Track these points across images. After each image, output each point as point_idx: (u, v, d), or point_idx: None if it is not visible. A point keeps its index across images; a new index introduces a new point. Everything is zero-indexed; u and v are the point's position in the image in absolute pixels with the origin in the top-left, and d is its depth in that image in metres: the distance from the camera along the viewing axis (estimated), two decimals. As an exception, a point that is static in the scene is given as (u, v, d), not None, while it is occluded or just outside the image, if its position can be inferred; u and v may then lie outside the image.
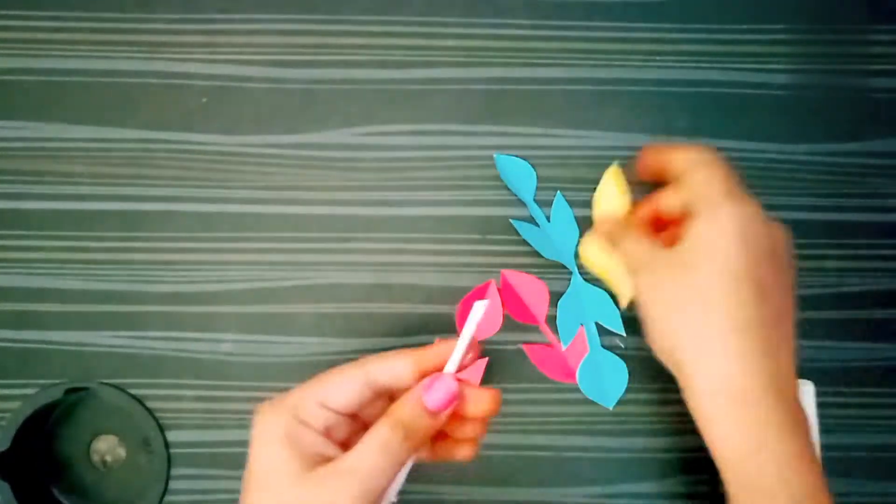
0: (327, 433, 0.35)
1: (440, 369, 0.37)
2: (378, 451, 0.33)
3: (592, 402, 0.47)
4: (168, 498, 0.47)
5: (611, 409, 0.47)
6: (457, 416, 0.37)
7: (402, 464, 0.34)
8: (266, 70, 0.49)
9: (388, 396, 0.38)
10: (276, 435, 0.34)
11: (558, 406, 0.47)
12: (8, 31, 0.49)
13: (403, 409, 0.35)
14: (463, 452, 0.38)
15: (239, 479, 0.47)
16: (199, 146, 0.49)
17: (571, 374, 0.46)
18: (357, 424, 0.38)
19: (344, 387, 0.36)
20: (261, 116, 0.49)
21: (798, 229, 0.49)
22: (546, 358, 0.47)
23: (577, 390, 0.46)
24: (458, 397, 0.36)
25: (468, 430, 0.38)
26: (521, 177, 0.48)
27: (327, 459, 0.34)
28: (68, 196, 0.48)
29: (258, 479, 0.34)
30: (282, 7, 0.49)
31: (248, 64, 0.49)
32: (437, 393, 0.35)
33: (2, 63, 0.49)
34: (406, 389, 0.36)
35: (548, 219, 0.48)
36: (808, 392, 0.45)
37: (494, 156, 0.48)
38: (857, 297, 0.48)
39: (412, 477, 0.40)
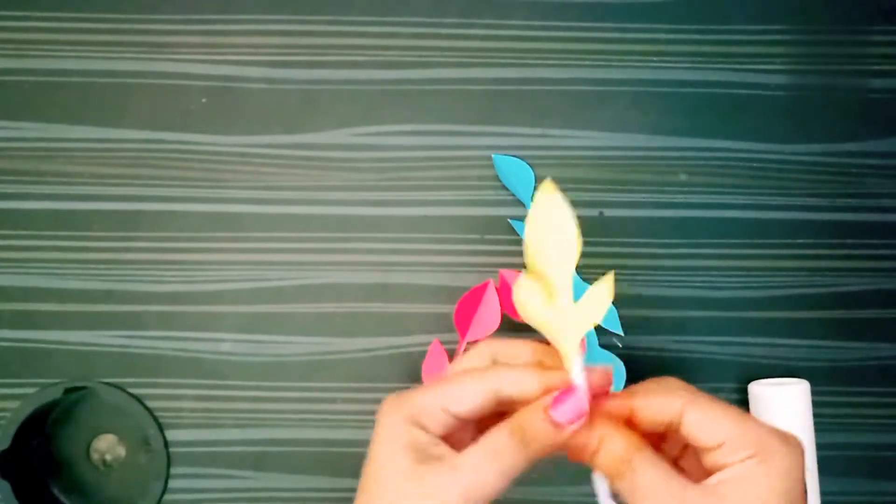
0: (447, 437, 0.34)
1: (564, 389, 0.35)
2: (488, 452, 0.32)
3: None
4: (167, 496, 0.48)
5: None
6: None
7: (515, 471, 0.32)
8: (265, 70, 0.49)
9: (510, 408, 0.36)
10: (397, 434, 0.33)
11: (556, 405, 0.47)
12: (8, 32, 0.49)
13: (527, 416, 0.33)
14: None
15: (238, 478, 0.48)
16: (199, 146, 0.49)
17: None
18: (478, 427, 0.36)
19: (471, 394, 0.34)
20: (260, 117, 0.49)
21: (795, 229, 0.49)
22: (544, 357, 0.47)
23: (575, 389, 0.47)
24: (585, 415, 0.33)
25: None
26: (519, 176, 0.48)
27: (441, 458, 0.33)
28: (68, 196, 0.48)
29: (378, 472, 0.34)
30: (281, 8, 0.49)
31: (248, 65, 0.49)
32: (566, 406, 0.33)
33: (2, 63, 0.49)
34: (530, 400, 0.34)
35: None
36: (802, 391, 0.45)
37: (493, 156, 0.48)
38: (854, 296, 0.49)
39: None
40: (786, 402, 0.44)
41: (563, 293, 0.35)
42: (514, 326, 0.47)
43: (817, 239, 0.49)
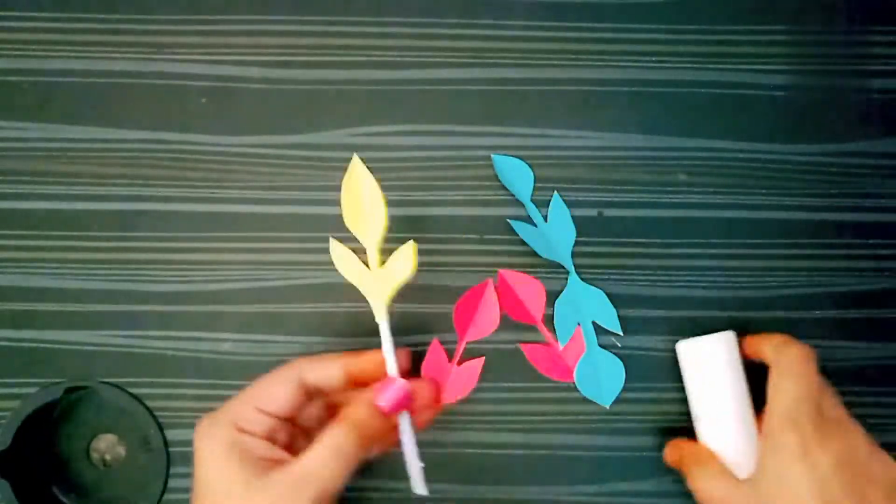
0: (270, 438, 0.35)
1: (367, 373, 0.38)
2: (332, 454, 0.33)
3: (589, 401, 0.47)
4: (167, 496, 0.48)
5: (607, 407, 0.47)
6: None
7: (355, 465, 0.34)
8: (265, 71, 0.49)
9: (322, 400, 0.39)
10: (220, 447, 0.34)
11: (555, 405, 0.48)
12: (8, 32, 0.49)
13: (357, 412, 0.35)
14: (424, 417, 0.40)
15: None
16: (199, 146, 0.49)
17: (568, 373, 0.47)
18: (297, 429, 0.38)
19: (279, 391, 0.36)
20: (260, 117, 0.49)
21: (794, 229, 0.49)
22: (543, 357, 0.47)
23: (574, 389, 0.47)
24: (410, 398, 0.37)
25: (421, 417, 0.39)
26: (519, 177, 0.48)
27: (275, 463, 0.34)
28: (68, 196, 0.49)
29: (208, 493, 0.34)
30: (281, 8, 0.49)
31: (248, 65, 0.49)
32: (390, 394, 0.36)
33: (2, 63, 0.49)
34: (336, 392, 0.37)
35: (545, 219, 0.48)
36: (727, 340, 0.44)
37: (492, 156, 0.48)
38: (852, 296, 0.49)
39: (404, 475, 0.40)
40: (711, 354, 0.44)
41: (370, 256, 0.40)
42: (514, 326, 0.47)
43: (816, 239, 0.49)
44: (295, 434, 0.38)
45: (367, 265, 0.41)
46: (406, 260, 0.40)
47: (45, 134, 0.49)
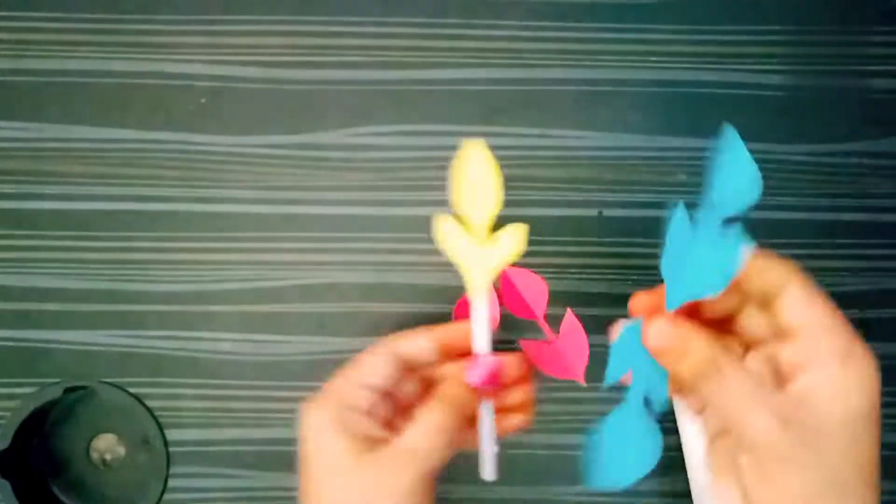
0: (371, 414, 0.36)
1: (458, 343, 0.38)
2: (433, 430, 0.34)
3: (588, 401, 0.47)
4: (167, 496, 0.48)
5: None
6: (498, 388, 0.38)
7: (454, 441, 0.35)
8: (265, 71, 0.49)
9: (417, 376, 0.39)
10: (328, 423, 0.35)
11: (555, 404, 0.48)
12: (8, 32, 0.49)
13: (451, 388, 0.36)
14: (517, 421, 0.39)
15: (238, 477, 0.48)
16: (199, 146, 0.49)
17: (568, 371, 0.46)
18: (394, 405, 0.38)
19: (378, 366, 0.36)
20: (260, 117, 0.49)
21: (793, 229, 0.49)
22: (543, 354, 0.47)
23: (575, 388, 0.47)
24: (498, 373, 0.37)
25: (515, 398, 0.39)
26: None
27: (377, 440, 0.35)
28: (68, 196, 0.49)
29: (318, 468, 0.35)
30: (281, 8, 0.49)
31: (248, 65, 0.49)
32: (479, 370, 0.37)
33: (2, 63, 0.49)
34: (430, 365, 0.38)
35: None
36: None
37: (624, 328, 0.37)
38: (852, 296, 0.49)
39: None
40: None
41: (479, 233, 0.39)
42: (514, 325, 0.47)
43: (816, 239, 0.49)
44: (393, 410, 0.38)
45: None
46: (515, 239, 0.39)
47: (45, 134, 0.49)
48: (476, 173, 0.40)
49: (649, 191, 0.49)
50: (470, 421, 0.36)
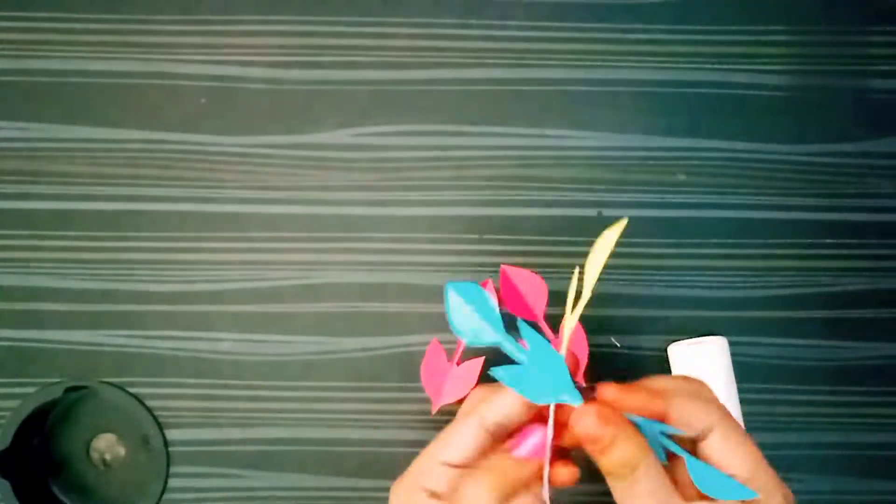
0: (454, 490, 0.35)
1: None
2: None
3: (588, 401, 0.47)
4: (167, 496, 0.48)
5: None
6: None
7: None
8: (264, 71, 0.49)
9: (506, 437, 0.36)
10: None
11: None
12: (8, 32, 0.49)
13: (493, 463, 0.34)
14: (562, 477, 0.36)
15: (238, 477, 0.48)
16: (198, 146, 0.49)
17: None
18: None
19: (463, 439, 0.35)
20: (259, 117, 0.49)
21: (792, 229, 0.49)
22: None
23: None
24: (543, 447, 0.35)
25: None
26: (479, 305, 0.36)
27: None
28: (68, 196, 0.49)
29: None
30: (280, 9, 0.49)
31: (247, 65, 0.49)
32: (528, 443, 0.35)
33: (2, 63, 0.49)
34: (520, 424, 0.35)
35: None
36: (720, 347, 0.44)
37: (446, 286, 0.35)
38: (851, 296, 0.49)
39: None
40: (705, 360, 0.44)
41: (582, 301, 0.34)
42: (513, 324, 0.47)
43: (815, 239, 0.49)
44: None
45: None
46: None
47: (45, 134, 0.49)
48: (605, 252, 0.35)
49: (649, 191, 0.49)
50: (514, 490, 0.34)
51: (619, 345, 0.48)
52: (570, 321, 0.35)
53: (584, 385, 0.47)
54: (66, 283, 0.48)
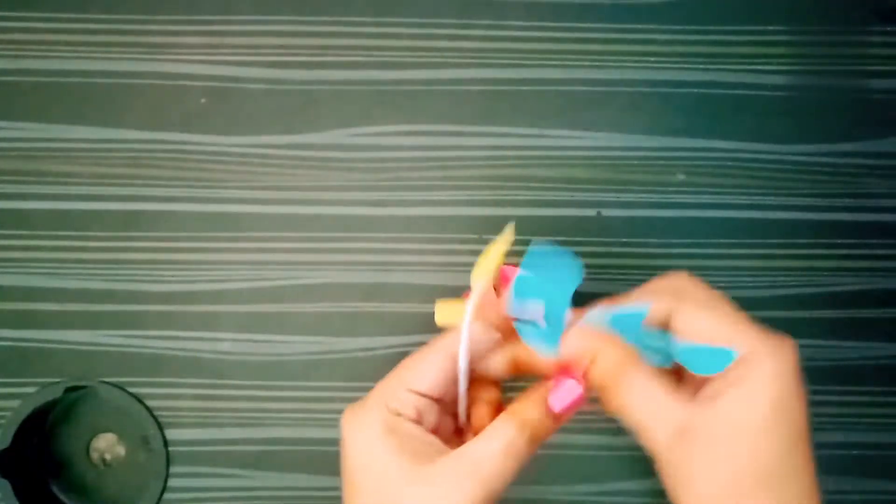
0: (419, 420, 0.33)
1: (532, 359, 0.35)
2: (503, 451, 0.31)
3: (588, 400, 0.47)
4: (167, 496, 0.48)
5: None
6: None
7: (524, 464, 0.32)
8: (264, 71, 0.49)
9: (473, 376, 0.35)
10: (375, 431, 0.32)
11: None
12: (8, 32, 0.49)
13: (531, 411, 0.33)
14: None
15: (238, 477, 0.48)
16: (198, 146, 0.49)
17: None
18: (441, 408, 0.35)
19: (431, 368, 0.34)
20: (259, 117, 0.49)
21: (792, 229, 0.49)
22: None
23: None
24: (583, 400, 0.33)
25: None
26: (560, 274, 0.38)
27: (429, 451, 0.32)
28: (68, 196, 0.49)
29: (365, 479, 0.31)
30: (280, 9, 0.49)
31: (247, 65, 0.49)
32: (564, 396, 0.33)
33: (2, 63, 0.49)
34: (486, 359, 0.35)
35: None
36: None
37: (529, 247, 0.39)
38: (851, 296, 0.49)
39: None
40: None
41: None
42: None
43: (815, 239, 0.49)
44: (441, 412, 0.35)
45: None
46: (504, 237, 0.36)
47: (45, 134, 0.49)
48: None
49: (648, 191, 0.49)
50: (541, 442, 0.33)
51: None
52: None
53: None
54: (66, 283, 0.48)
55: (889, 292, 0.49)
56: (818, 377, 0.48)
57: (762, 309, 0.48)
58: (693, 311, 0.32)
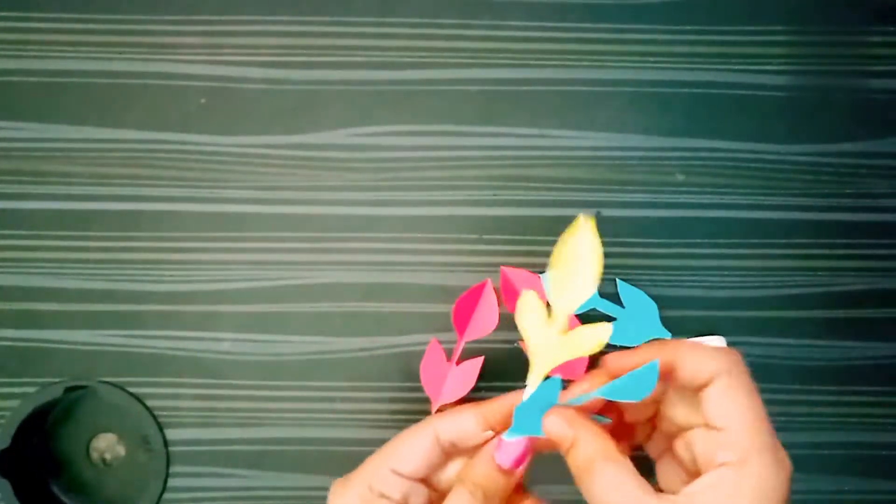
0: (404, 502, 0.34)
1: (507, 421, 0.35)
2: None
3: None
4: (167, 496, 0.48)
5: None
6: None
7: None
8: (264, 71, 0.49)
9: (458, 455, 0.36)
10: None
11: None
12: (8, 32, 0.49)
13: (478, 471, 0.34)
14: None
15: (237, 476, 0.48)
16: (198, 147, 0.49)
17: (568, 372, 0.47)
18: (432, 490, 0.36)
19: (414, 450, 0.34)
20: (259, 117, 0.49)
21: (791, 229, 0.49)
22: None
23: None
24: (529, 452, 0.34)
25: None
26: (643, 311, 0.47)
27: None
28: (68, 196, 0.49)
29: None
30: (281, 8, 0.49)
31: (247, 65, 0.49)
32: (509, 450, 0.34)
33: (2, 63, 0.49)
34: (474, 445, 0.35)
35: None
36: (720, 343, 0.44)
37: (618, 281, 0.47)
38: (850, 296, 0.49)
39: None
40: None
41: (558, 321, 0.35)
42: (512, 325, 0.47)
43: (814, 239, 0.49)
44: (432, 496, 0.36)
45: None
46: (597, 339, 0.34)
47: (45, 134, 0.49)
48: (578, 256, 0.35)
49: (648, 191, 0.49)
50: (497, 499, 0.34)
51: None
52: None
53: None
54: (66, 283, 0.48)
55: (888, 292, 0.49)
56: (817, 377, 0.48)
57: (762, 309, 0.48)
58: (739, 389, 0.32)
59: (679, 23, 0.50)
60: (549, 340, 0.35)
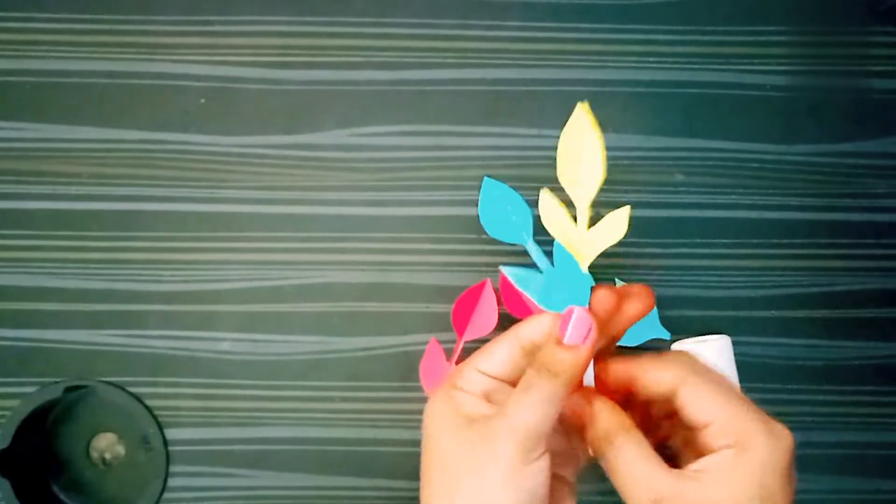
0: (487, 398, 0.35)
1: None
2: (524, 393, 0.32)
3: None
4: (167, 495, 0.48)
5: None
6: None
7: (555, 403, 0.33)
8: (264, 71, 0.49)
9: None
10: (438, 401, 0.35)
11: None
12: (8, 33, 0.49)
13: (544, 350, 0.34)
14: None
15: (237, 476, 0.48)
16: (198, 147, 0.49)
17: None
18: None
19: (497, 351, 0.35)
20: (258, 117, 0.49)
21: (790, 229, 0.49)
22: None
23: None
24: (592, 327, 0.34)
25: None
26: (515, 211, 0.43)
27: (481, 412, 0.34)
28: (68, 196, 0.49)
29: (429, 449, 0.35)
30: (281, 9, 0.49)
31: (246, 65, 0.49)
32: (571, 325, 0.33)
33: (2, 64, 0.49)
34: None
35: (551, 263, 0.41)
36: (724, 345, 0.44)
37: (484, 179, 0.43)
38: (849, 295, 0.49)
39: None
40: (709, 358, 0.44)
41: (580, 216, 0.36)
42: (512, 324, 0.47)
43: (813, 239, 0.49)
44: None
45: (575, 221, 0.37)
46: (619, 224, 0.35)
47: (45, 134, 0.49)
48: (580, 143, 0.37)
49: (647, 191, 0.49)
50: (573, 376, 0.33)
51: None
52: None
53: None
54: (66, 283, 0.48)
55: (887, 292, 0.49)
56: (817, 377, 0.48)
57: (762, 309, 0.48)
58: (701, 386, 0.33)
59: (679, 23, 0.50)
60: (581, 236, 0.36)
